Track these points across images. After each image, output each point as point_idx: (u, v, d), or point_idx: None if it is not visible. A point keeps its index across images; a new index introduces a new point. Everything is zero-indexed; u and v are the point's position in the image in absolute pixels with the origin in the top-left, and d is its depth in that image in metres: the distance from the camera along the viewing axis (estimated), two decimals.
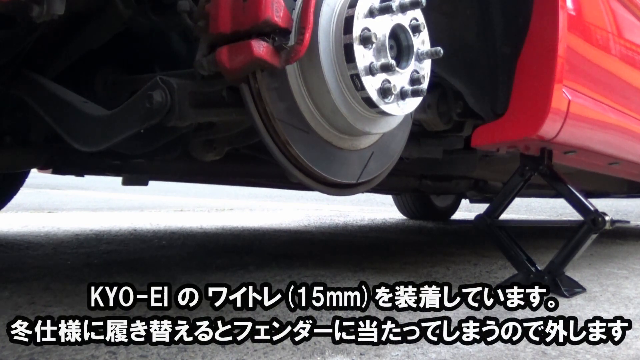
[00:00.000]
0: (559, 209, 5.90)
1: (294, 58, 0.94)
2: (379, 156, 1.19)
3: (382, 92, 0.98)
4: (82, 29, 1.25)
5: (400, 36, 1.04)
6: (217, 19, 0.95)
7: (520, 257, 1.83)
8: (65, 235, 2.90)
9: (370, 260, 2.37)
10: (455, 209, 4.92)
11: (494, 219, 1.89)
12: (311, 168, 1.04)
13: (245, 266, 2.09)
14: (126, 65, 1.35)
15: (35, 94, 1.26)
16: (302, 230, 3.61)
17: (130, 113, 1.10)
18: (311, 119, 1.02)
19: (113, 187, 7.36)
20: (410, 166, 2.30)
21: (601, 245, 3.15)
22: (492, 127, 1.70)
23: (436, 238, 3.65)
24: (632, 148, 2.24)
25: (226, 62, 0.95)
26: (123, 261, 2.15)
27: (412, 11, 1.05)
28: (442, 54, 1.06)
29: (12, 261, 2.08)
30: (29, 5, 0.94)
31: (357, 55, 0.96)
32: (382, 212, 5.59)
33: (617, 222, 1.91)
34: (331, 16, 0.99)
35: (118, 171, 2.12)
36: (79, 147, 1.19)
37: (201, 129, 1.27)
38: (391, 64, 0.96)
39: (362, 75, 0.96)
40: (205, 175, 2.57)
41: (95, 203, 5.60)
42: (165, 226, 3.52)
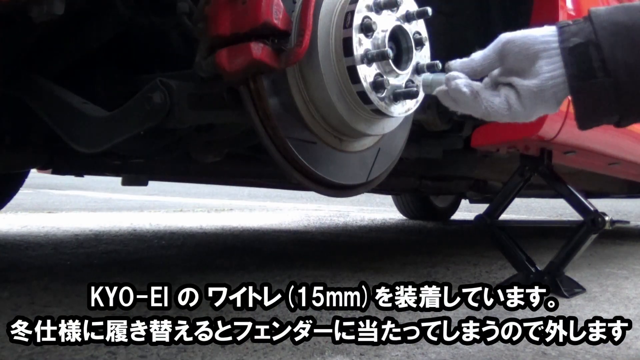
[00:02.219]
0: (559, 209, 5.90)
1: (293, 60, 0.94)
2: (379, 157, 1.19)
3: (375, 86, 0.98)
4: (82, 29, 1.24)
5: (400, 39, 1.03)
6: (216, 21, 0.95)
7: (520, 257, 1.83)
8: (65, 235, 2.90)
9: (370, 260, 2.37)
10: (455, 209, 4.92)
11: (494, 219, 1.89)
12: (310, 169, 1.04)
13: (245, 266, 2.09)
14: (126, 66, 1.35)
15: (35, 94, 1.26)
16: (302, 230, 3.61)
17: (129, 114, 1.10)
18: (311, 120, 1.02)
19: (113, 187, 7.36)
20: (410, 166, 2.30)
21: (601, 245, 3.15)
22: (492, 127, 1.70)
23: (436, 238, 3.66)
24: (632, 148, 2.24)
25: (225, 65, 0.95)
26: (123, 261, 2.15)
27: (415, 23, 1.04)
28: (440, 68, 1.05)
29: (12, 261, 2.09)
30: (29, 5, 0.94)
31: (355, 44, 0.95)
32: (382, 212, 5.59)
33: (616, 222, 1.92)
34: (332, 15, 0.99)
35: (118, 171, 2.12)
36: (78, 148, 1.19)
37: (200, 130, 1.27)
38: (387, 52, 0.96)
39: (358, 63, 0.96)
40: (204, 176, 2.57)
41: (94, 203, 5.60)
42: (165, 226, 3.52)
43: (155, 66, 1.32)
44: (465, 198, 4.05)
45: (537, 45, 0.85)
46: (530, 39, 0.86)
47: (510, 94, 0.87)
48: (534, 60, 0.85)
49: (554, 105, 0.87)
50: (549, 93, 0.85)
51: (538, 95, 0.85)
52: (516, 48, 0.86)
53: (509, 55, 0.87)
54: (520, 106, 0.87)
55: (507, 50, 0.87)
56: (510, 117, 0.89)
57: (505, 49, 0.87)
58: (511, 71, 0.87)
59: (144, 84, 1.09)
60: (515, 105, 0.87)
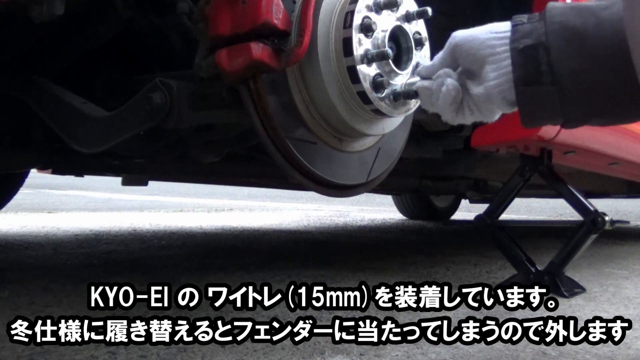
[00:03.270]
0: (559, 209, 5.90)
1: (293, 60, 0.94)
2: (379, 157, 1.19)
3: (375, 86, 0.98)
4: (82, 29, 1.24)
5: (400, 39, 1.03)
6: (216, 21, 0.95)
7: (520, 257, 1.83)
8: (65, 235, 2.90)
9: (370, 260, 2.37)
10: (455, 209, 4.92)
11: (494, 219, 1.89)
12: (310, 169, 1.04)
13: (245, 266, 2.09)
14: (126, 66, 1.35)
15: (35, 94, 1.26)
16: (302, 230, 3.61)
17: (129, 115, 1.10)
18: (311, 120, 1.02)
19: (113, 187, 7.36)
20: (410, 166, 2.30)
21: (601, 245, 3.15)
22: (491, 127, 1.70)
23: (436, 238, 3.66)
24: (632, 148, 2.24)
25: (225, 65, 0.95)
26: (123, 261, 2.15)
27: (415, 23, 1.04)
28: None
29: (12, 261, 2.09)
30: (29, 5, 0.94)
31: (355, 43, 0.95)
32: (382, 212, 5.59)
33: (616, 222, 1.91)
34: (332, 15, 0.99)
35: (118, 171, 2.12)
36: (78, 148, 1.19)
37: (200, 130, 1.27)
38: (387, 52, 0.96)
39: (358, 63, 0.96)
40: (204, 176, 2.57)
41: (94, 203, 5.60)
42: (165, 226, 3.52)
43: (155, 66, 1.32)
44: (465, 198, 4.05)
45: (482, 50, 0.85)
46: (476, 43, 0.85)
47: (468, 99, 0.88)
48: (481, 64, 0.85)
49: (506, 106, 0.87)
50: (498, 97, 0.85)
51: (487, 100, 0.86)
52: (464, 53, 0.87)
53: (460, 59, 0.88)
54: (477, 111, 0.89)
55: (457, 54, 0.88)
56: (474, 119, 0.90)
57: (456, 52, 0.88)
58: (466, 72, 0.88)
59: (144, 84, 1.09)
60: (475, 110, 0.89)
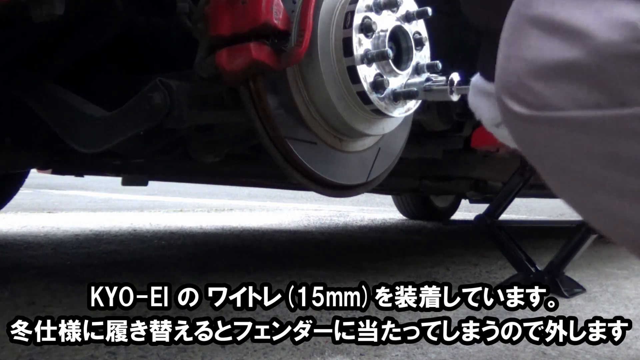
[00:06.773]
0: (559, 209, 5.90)
1: (293, 60, 0.94)
2: (379, 157, 1.19)
3: (375, 86, 0.98)
4: (82, 29, 1.24)
5: (400, 39, 1.03)
6: (216, 21, 0.95)
7: (520, 257, 1.83)
8: (65, 235, 2.90)
9: (370, 260, 2.37)
10: (455, 209, 4.91)
11: (494, 219, 1.89)
12: (310, 169, 1.04)
13: (245, 266, 2.09)
14: (126, 66, 1.35)
15: (35, 94, 1.26)
16: (302, 230, 3.61)
17: (129, 115, 1.10)
18: (311, 120, 1.02)
19: (113, 187, 7.36)
20: (410, 166, 2.30)
21: (601, 245, 3.15)
22: None
23: (436, 238, 3.65)
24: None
25: (225, 65, 0.95)
26: (123, 261, 2.15)
27: (415, 23, 1.04)
28: (440, 69, 1.05)
29: (12, 261, 2.08)
30: (29, 5, 0.94)
31: (355, 44, 0.95)
32: (382, 212, 5.59)
33: None
34: (332, 15, 0.99)
35: (118, 171, 2.12)
36: (78, 148, 1.19)
37: (200, 130, 1.27)
38: (387, 52, 0.96)
39: (358, 63, 0.96)
40: (204, 176, 2.57)
41: (94, 203, 5.59)
42: (165, 226, 3.52)
43: (155, 66, 1.32)
44: (465, 198, 4.04)
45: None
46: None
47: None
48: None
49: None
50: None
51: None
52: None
53: None
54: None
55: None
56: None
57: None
58: None
59: (144, 84, 1.09)
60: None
